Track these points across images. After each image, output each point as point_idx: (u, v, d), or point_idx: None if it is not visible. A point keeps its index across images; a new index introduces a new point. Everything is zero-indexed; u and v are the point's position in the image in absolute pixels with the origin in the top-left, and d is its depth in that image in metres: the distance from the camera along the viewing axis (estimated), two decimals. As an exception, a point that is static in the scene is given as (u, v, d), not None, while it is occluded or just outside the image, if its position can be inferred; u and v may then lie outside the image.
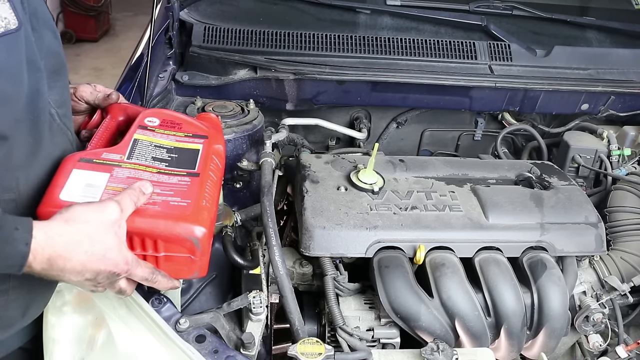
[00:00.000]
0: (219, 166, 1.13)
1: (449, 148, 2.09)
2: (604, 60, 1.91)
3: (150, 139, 1.08)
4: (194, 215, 0.95)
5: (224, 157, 1.17)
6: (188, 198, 0.97)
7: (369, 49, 1.81)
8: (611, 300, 1.38)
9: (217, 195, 1.07)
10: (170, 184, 0.99)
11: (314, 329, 1.33)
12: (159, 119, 1.13)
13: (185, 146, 1.09)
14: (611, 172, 1.70)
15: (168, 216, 0.94)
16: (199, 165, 1.06)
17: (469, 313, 1.21)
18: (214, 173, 1.08)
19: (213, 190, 1.05)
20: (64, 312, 1.07)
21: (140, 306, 1.04)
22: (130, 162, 1.01)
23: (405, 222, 1.31)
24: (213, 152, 1.12)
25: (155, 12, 1.68)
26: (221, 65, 1.77)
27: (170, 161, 1.04)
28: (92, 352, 1.03)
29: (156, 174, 1.00)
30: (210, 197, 1.02)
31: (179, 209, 0.95)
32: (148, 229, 0.93)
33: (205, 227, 0.96)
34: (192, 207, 0.96)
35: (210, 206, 1.01)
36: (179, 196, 0.97)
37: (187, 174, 1.02)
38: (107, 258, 0.87)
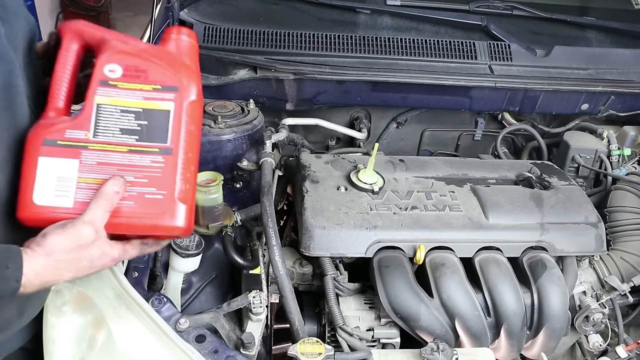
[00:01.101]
0: (194, 132, 0.99)
1: (449, 148, 2.09)
2: (604, 60, 1.91)
3: (114, 102, 0.95)
4: (172, 212, 0.93)
5: (200, 114, 1.02)
6: (163, 188, 0.94)
7: (369, 49, 1.81)
8: (611, 300, 1.38)
9: (194, 167, 0.99)
10: (143, 168, 0.94)
11: (314, 329, 1.33)
12: (121, 65, 0.96)
13: (154, 106, 0.96)
14: (611, 172, 1.70)
15: (145, 215, 0.93)
16: (172, 136, 0.96)
17: (469, 313, 1.21)
18: (188, 143, 0.97)
19: (189, 164, 0.97)
20: (64, 312, 1.07)
21: (140, 306, 1.04)
22: (97, 142, 0.93)
23: (405, 222, 1.31)
24: (187, 113, 0.97)
25: (155, 12, 1.69)
26: (221, 65, 1.77)
27: (140, 132, 0.95)
28: (92, 352, 1.03)
29: (127, 154, 0.94)
30: (187, 175, 0.97)
31: (155, 204, 0.93)
32: (127, 230, 0.94)
33: (185, 220, 0.94)
34: (169, 202, 0.93)
35: (189, 186, 0.97)
36: (153, 185, 0.94)
37: (160, 151, 0.95)
38: (94, 266, 0.91)
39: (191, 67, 1.01)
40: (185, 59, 1.01)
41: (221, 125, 1.57)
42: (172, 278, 1.29)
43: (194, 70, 1.02)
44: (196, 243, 1.26)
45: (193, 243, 1.26)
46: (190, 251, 1.24)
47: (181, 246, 1.24)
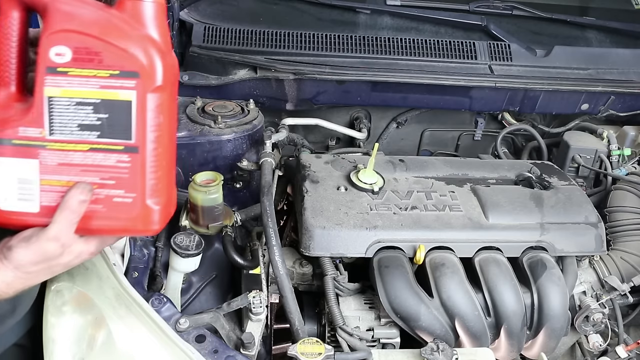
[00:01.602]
0: (164, 125, 0.86)
1: (449, 148, 2.09)
2: (604, 60, 1.91)
3: (67, 93, 0.82)
4: (143, 216, 0.87)
5: (170, 101, 0.87)
6: (132, 190, 0.85)
7: (369, 49, 1.81)
8: (611, 300, 1.38)
9: (168, 162, 0.89)
10: (108, 168, 0.85)
11: (314, 329, 1.33)
12: (69, 47, 0.81)
13: (113, 96, 0.83)
14: (611, 172, 1.70)
15: (115, 219, 0.86)
16: (136, 131, 0.84)
17: (469, 313, 1.21)
18: (158, 139, 0.85)
19: (160, 161, 0.87)
20: (64, 312, 1.07)
21: (140, 306, 1.04)
22: (55, 141, 0.84)
23: (405, 222, 1.31)
24: (152, 103, 0.84)
25: (155, 12, 1.68)
26: (221, 65, 1.77)
27: (101, 127, 0.83)
28: (92, 352, 1.03)
29: (89, 153, 0.84)
30: (159, 173, 0.87)
31: (125, 208, 0.86)
32: (98, 233, 0.89)
33: (159, 223, 0.89)
34: (139, 205, 0.86)
35: (162, 183, 0.87)
36: (122, 187, 0.85)
37: (125, 149, 0.84)
38: (71, 264, 0.89)
39: (156, 41, 0.84)
40: (148, 30, 0.83)
41: (221, 125, 1.58)
42: (172, 278, 1.29)
43: (160, 44, 0.84)
44: (196, 243, 1.26)
45: (193, 243, 1.26)
46: (190, 251, 1.24)
47: (181, 246, 1.24)
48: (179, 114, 1.65)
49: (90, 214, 0.85)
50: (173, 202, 0.94)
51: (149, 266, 1.30)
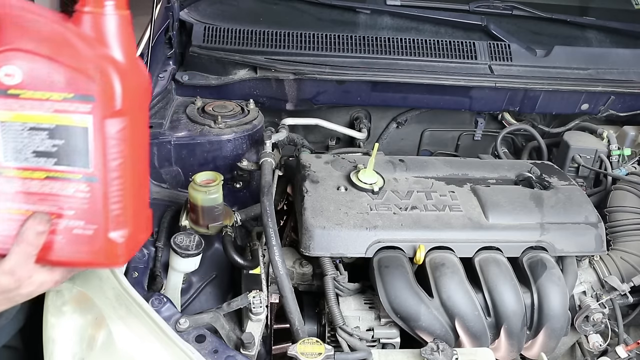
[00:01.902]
0: (126, 152, 0.79)
1: (449, 148, 2.09)
2: (604, 60, 1.91)
3: (19, 117, 0.76)
4: (106, 250, 0.81)
5: (136, 126, 0.80)
6: (93, 222, 0.79)
7: (369, 49, 1.81)
8: (611, 300, 1.38)
9: (137, 192, 0.83)
10: (67, 198, 0.79)
11: (314, 329, 1.33)
12: (19, 67, 0.74)
13: (68, 121, 0.75)
14: (611, 172, 1.70)
15: (76, 252, 0.80)
16: (94, 160, 0.77)
17: (469, 313, 1.21)
18: (122, 167, 0.79)
19: (125, 191, 0.80)
20: (64, 312, 1.07)
21: (140, 306, 1.04)
22: (11, 168, 0.78)
23: (405, 222, 1.31)
24: (111, 130, 0.76)
25: (155, 12, 1.69)
26: (221, 65, 1.77)
27: (57, 154, 0.77)
28: (92, 352, 1.03)
29: (46, 181, 0.78)
30: (124, 204, 0.80)
31: (85, 241, 0.80)
32: (60, 265, 0.84)
33: (124, 256, 0.83)
34: (101, 238, 0.79)
35: (127, 217, 0.81)
36: (81, 218, 0.79)
37: (83, 178, 0.78)
38: (33, 294, 0.85)
39: (115, 60, 0.75)
40: (109, 46, 0.75)
41: (221, 125, 1.58)
42: (172, 278, 1.29)
43: (121, 64, 0.76)
44: (196, 243, 1.26)
45: (193, 243, 1.26)
46: (190, 251, 1.24)
47: (181, 246, 1.24)
48: (179, 113, 1.65)
49: (49, 245, 0.79)
50: (145, 229, 0.89)
51: (149, 266, 1.30)
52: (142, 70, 0.82)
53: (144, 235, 0.88)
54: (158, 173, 1.56)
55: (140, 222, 0.86)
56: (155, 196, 1.53)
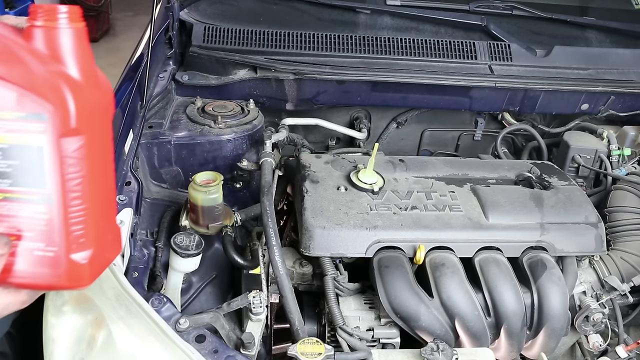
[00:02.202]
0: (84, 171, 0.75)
1: (449, 148, 2.09)
2: (604, 60, 1.92)
3: None
4: (68, 273, 0.77)
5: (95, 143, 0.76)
6: (53, 244, 0.75)
7: (369, 49, 1.81)
8: (611, 300, 1.38)
9: (102, 210, 0.80)
10: (25, 219, 0.75)
11: (314, 329, 1.33)
12: None
13: (21, 141, 0.72)
14: (611, 172, 1.70)
15: (37, 275, 0.76)
16: (49, 180, 0.73)
17: (469, 313, 1.21)
18: (80, 186, 0.75)
19: (87, 210, 0.77)
20: (64, 312, 1.07)
21: (140, 306, 1.04)
22: None
23: (405, 222, 1.31)
24: (67, 148, 0.73)
25: (155, 12, 1.68)
26: (221, 65, 1.77)
27: (12, 175, 0.74)
28: (92, 352, 1.03)
29: (3, 202, 0.75)
30: (86, 225, 0.77)
31: (47, 263, 0.76)
32: (23, 288, 0.79)
33: (87, 278, 0.78)
34: (63, 261, 0.76)
35: (90, 237, 0.78)
36: (41, 240, 0.76)
37: (40, 198, 0.74)
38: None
39: (69, 76, 0.72)
40: (63, 61, 0.72)
41: (221, 125, 1.58)
42: (172, 278, 1.29)
43: (76, 79, 0.73)
44: (196, 243, 1.26)
45: (193, 243, 1.26)
46: (190, 251, 1.24)
47: (181, 246, 1.24)
48: (179, 113, 1.66)
49: (10, 267, 0.75)
50: (112, 248, 0.85)
51: (149, 266, 1.30)
52: (103, 85, 0.79)
53: (111, 254, 0.85)
54: (158, 173, 1.56)
55: (107, 241, 0.83)
56: (155, 196, 1.53)
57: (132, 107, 1.46)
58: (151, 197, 1.51)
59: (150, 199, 1.50)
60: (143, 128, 1.48)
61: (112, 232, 0.85)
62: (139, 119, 1.46)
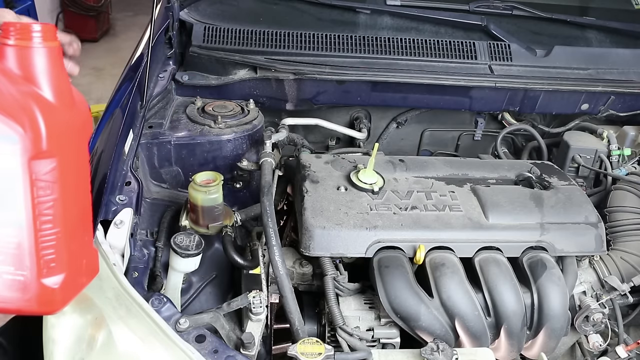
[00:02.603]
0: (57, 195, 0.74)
1: (449, 148, 2.09)
2: (604, 60, 1.92)
3: None
4: (38, 297, 0.75)
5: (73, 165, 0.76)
6: (22, 268, 0.74)
7: (369, 49, 1.81)
8: (611, 300, 1.38)
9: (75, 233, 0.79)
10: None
11: (314, 329, 1.33)
12: None
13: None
14: (611, 172, 1.70)
15: (7, 299, 0.75)
16: (19, 203, 0.72)
17: (469, 313, 1.21)
18: (52, 209, 0.74)
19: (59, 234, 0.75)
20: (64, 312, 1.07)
21: (140, 306, 1.04)
22: None
23: (405, 222, 1.31)
24: (39, 172, 0.71)
25: (155, 12, 1.68)
26: (221, 65, 1.77)
27: None
28: (92, 352, 1.03)
29: None
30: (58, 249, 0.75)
31: (17, 287, 0.74)
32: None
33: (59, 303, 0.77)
34: (33, 284, 0.74)
35: (62, 261, 0.76)
36: (11, 264, 0.74)
37: (10, 222, 0.73)
38: None
39: (41, 97, 0.70)
40: (36, 81, 0.71)
41: (221, 125, 1.58)
42: (172, 278, 1.29)
43: (48, 100, 0.71)
44: (196, 243, 1.26)
45: (193, 243, 1.26)
46: (190, 251, 1.24)
47: (181, 246, 1.24)
48: (179, 113, 1.66)
49: None
50: (87, 272, 0.83)
51: (149, 266, 1.30)
52: (78, 106, 0.78)
53: (85, 279, 0.83)
54: (158, 173, 1.56)
55: (80, 266, 0.82)
56: (155, 196, 1.53)
57: (132, 107, 1.46)
58: (151, 197, 1.51)
59: (150, 199, 1.50)
60: (143, 128, 1.48)
61: (87, 255, 0.83)
62: (139, 119, 1.46)
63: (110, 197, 1.19)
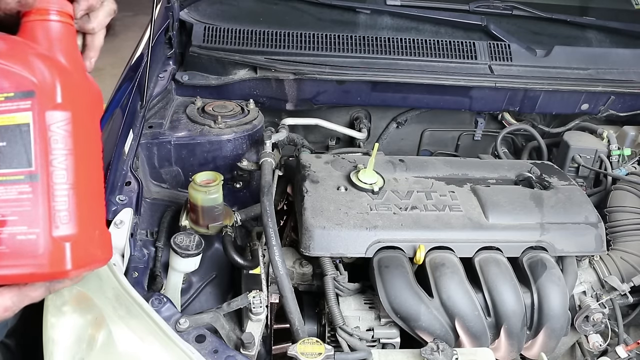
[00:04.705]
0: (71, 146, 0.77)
1: (449, 148, 2.09)
2: (604, 60, 1.92)
3: None
4: (50, 254, 0.75)
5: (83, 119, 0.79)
6: (35, 225, 0.75)
7: (369, 49, 1.81)
8: (611, 300, 1.38)
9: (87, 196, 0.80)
10: (10, 202, 0.75)
11: (314, 329, 1.33)
12: None
13: (9, 121, 0.75)
14: (611, 172, 1.70)
15: (20, 261, 0.75)
16: (36, 156, 0.75)
17: (469, 313, 1.21)
18: (65, 163, 0.76)
19: (71, 190, 0.77)
20: (64, 312, 1.07)
21: (140, 306, 1.04)
22: None
23: (405, 222, 1.31)
24: (53, 123, 0.76)
25: (155, 12, 1.68)
26: (221, 65, 1.77)
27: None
28: (92, 352, 1.03)
29: None
30: (70, 204, 0.77)
31: (29, 246, 0.75)
32: (5, 281, 0.77)
33: (70, 262, 0.77)
34: (44, 241, 0.75)
35: (74, 218, 0.77)
36: (25, 223, 0.75)
37: (25, 178, 0.75)
38: None
39: (55, 59, 0.77)
40: (52, 50, 0.77)
41: (221, 125, 1.58)
42: (172, 278, 1.29)
43: (63, 64, 0.78)
44: (196, 243, 1.26)
45: (193, 243, 1.26)
46: (190, 251, 1.24)
47: (181, 246, 1.24)
48: (179, 113, 1.66)
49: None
50: (101, 246, 0.84)
51: (149, 266, 1.30)
52: (91, 83, 0.83)
53: (99, 253, 0.83)
54: (158, 173, 1.56)
55: (92, 234, 0.82)
56: (155, 196, 1.53)
57: (132, 107, 1.46)
58: (151, 197, 1.51)
59: (150, 199, 1.50)
60: (143, 128, 1.48)
61: (99, 228, 0.84)
62: (139, 119, 1.46)
63: (110, 197, 1.19)
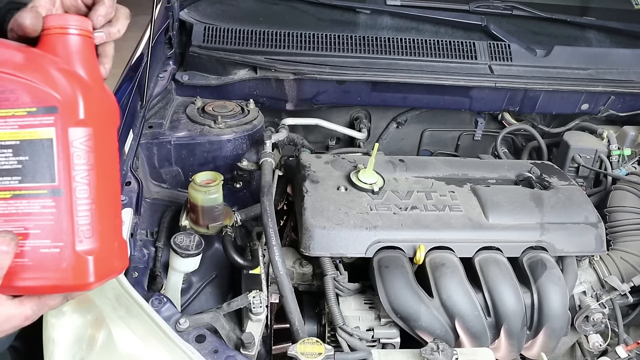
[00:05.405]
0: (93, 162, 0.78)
1: (449, 148, 2.09)
2: (604, 60, 1.92)
3: None
4: (73, 268, 0.77)
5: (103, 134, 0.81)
6: (59, 239, 0.76)
7: (369, 49, 1.81)
8: (611, 300, 1.38)
9: (107, 209, 0.82)
10: (33, 215, 0.76)
11: (314, 329, 1.33)
12: None
13: (32, 135, 0.76)
14: (611, 172, 1.70)
15: (43, 274, 0.76)
16: (59, 171, 0.76)
17: (469, 313, 1.21)
18: (87, 178, 0.78)
19: (93, 204, 0.79)
20: (64, 312, 1.07)
21: (140, 306, 1.04)
22: None
23: (405, 222, 1.31)
24: (75, 138, 0.77)
25: (155, 12, 1.68)
26: (221, 65, 1.77)
27: (22, 172, 0.76)
28: (92, 352, 1.03)
29: (12, 200, 0.76)
30: (93, 218, 0.79)
31: (52, 260, 0.76)
32: (27, 292, 0.79)
33: (93, 275, 0.78)
34: (68, 256, 0.76)
35: (96, 232, 0.79)
36: (48, 237, 0.76)
37: (49, 192, 0.76)
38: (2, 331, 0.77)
39: (77, 74, 0.78)
40: (72, 64, 0.79)
41: (221, 125, 1.58)
42: (172, 278, 1.29)
43: (84, 79, 0.79)
44: (196, 243, 1.26)
45: (193, 243, 1.26)
46: (190, 251, 1.24)
47: (181, 246, 1.24)
48: (179, 113, 1.66)
49: (15, 270, 0.75)
50: (120, 257, 0.85)
51: (149, 266, 1.30)
52: (109, 95, 0.84)
53: (117, 263, 0.85)
54: (158, 173, 1.56)
55: (112, 246, 0.83)
56: (155, 196, 1.53)
57: (132, 107, 1.46)
58: (151, 197, 1.51)
59: (150, 199, 1.50)
60: (143, 128, 1.48)
61: (118, 239, 0.85)
62: (139, 119, 1.46)
63: (110, 197, 1.19)
